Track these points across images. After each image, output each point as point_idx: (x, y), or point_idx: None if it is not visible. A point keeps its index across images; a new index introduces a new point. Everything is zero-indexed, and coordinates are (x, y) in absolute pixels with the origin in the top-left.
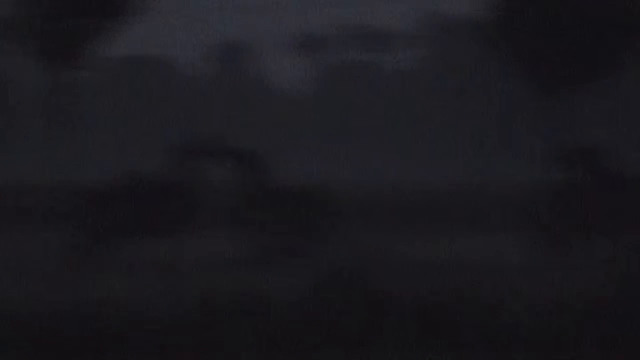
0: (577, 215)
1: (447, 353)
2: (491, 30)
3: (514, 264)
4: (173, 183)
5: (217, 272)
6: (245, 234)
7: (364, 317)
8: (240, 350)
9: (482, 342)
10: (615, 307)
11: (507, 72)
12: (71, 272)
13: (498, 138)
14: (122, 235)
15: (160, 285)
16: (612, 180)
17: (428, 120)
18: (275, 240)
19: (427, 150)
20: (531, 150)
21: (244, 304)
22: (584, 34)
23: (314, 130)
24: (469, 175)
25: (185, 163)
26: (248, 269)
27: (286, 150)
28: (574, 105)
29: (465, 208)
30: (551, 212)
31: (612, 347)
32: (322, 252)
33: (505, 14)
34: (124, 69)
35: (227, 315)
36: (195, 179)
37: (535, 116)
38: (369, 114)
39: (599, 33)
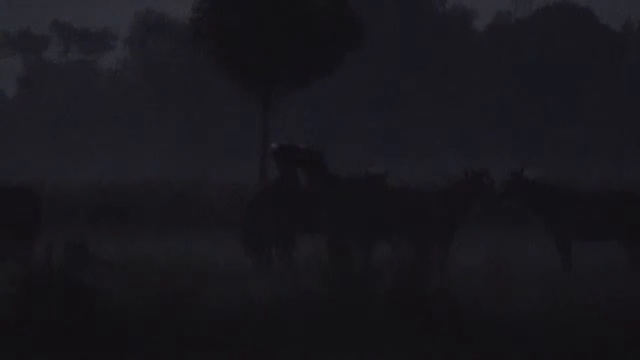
0: None
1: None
2: (202, 31)
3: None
4: None
5: None
6: None
7: None
8: None
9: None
10: None
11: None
12: None
13: (213, 137)
14: None
15: None
16: None
17: (139, 120)
18: None
19: (138, 149)
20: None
21: None
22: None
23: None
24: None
25: None
26: None
27: None
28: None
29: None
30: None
31: None
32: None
33: (218, 15)
34: None
35: None
36: None
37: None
38: (84, 112)
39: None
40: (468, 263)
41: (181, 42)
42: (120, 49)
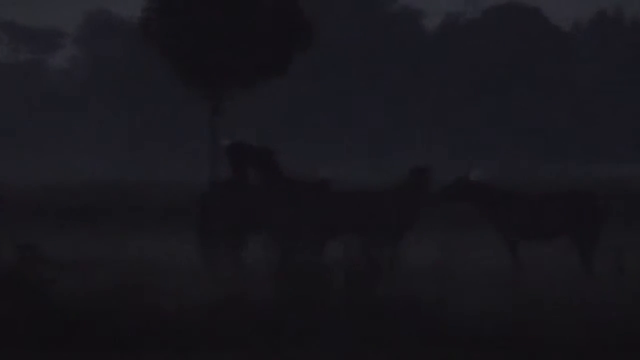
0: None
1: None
2: (151, 31)
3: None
4: None
5: None
6: None
7: None
8: None
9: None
10: None
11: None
12: None
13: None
14: None
15: None
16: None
17: (89, 119)
18: None
19: (88, 148)
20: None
21: None
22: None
23: None
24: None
25: None
26: None
27: None
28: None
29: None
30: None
31: None
32: None
33: (166, 15)
34: None
35: None
36: None
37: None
38: (34, 112)
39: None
40: (420, 263)
41: (131, 42)
42: (69, 48)
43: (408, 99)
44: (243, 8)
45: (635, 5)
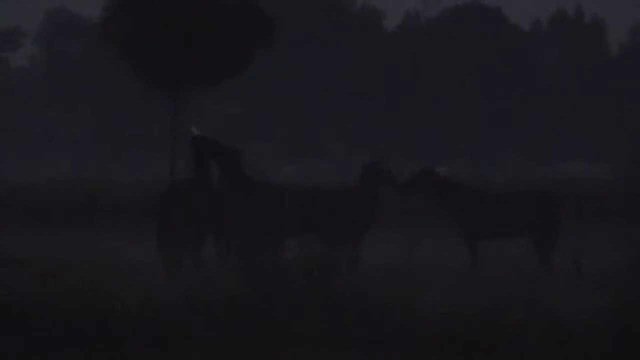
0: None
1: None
2: (111, 30)
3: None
4: None
5: None
6: None
7: None
8: None
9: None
10: None
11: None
12: None
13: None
14: None
15: None
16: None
17: (49, 118)
18: None
19: (48, 147)
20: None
21: None
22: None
23: None
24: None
25: None
26: None
27: None
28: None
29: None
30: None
31: None
32: None
33: (126, 14)
34: None
35: None
36: None
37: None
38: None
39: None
40: (379, 262)
41: (92, 41)
42: (30, 47)
43: (372, 99)
44: (204, 6)
45: (595, 5)
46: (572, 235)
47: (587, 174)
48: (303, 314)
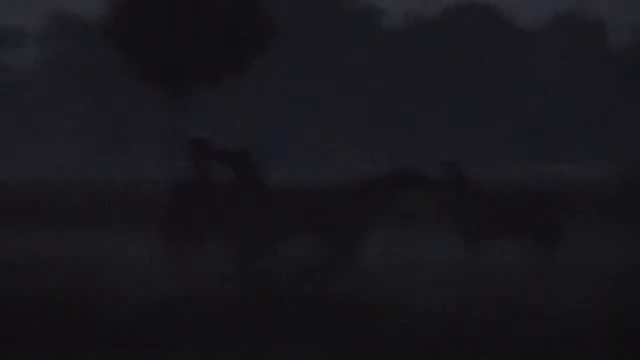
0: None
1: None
2: (115, 29)
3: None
4: None
5: None
6: None
7: None
8: None
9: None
10: None
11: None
12: None
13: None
14: None
15: None
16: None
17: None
18: None
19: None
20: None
21: None
22: (217, 34)
23: None
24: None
25: None
26: None
27: None
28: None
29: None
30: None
31: None
32: None
33: (131, 13)
34: None
35: None
36: None
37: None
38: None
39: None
40: (372, 261)
41: (90, 40)
42: (28, 46)
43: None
44: (206, 7)
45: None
46: (568, 235)
47: (587, 174)
48: (302, 314)
